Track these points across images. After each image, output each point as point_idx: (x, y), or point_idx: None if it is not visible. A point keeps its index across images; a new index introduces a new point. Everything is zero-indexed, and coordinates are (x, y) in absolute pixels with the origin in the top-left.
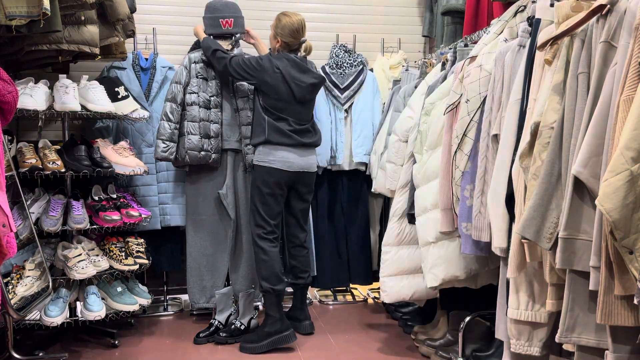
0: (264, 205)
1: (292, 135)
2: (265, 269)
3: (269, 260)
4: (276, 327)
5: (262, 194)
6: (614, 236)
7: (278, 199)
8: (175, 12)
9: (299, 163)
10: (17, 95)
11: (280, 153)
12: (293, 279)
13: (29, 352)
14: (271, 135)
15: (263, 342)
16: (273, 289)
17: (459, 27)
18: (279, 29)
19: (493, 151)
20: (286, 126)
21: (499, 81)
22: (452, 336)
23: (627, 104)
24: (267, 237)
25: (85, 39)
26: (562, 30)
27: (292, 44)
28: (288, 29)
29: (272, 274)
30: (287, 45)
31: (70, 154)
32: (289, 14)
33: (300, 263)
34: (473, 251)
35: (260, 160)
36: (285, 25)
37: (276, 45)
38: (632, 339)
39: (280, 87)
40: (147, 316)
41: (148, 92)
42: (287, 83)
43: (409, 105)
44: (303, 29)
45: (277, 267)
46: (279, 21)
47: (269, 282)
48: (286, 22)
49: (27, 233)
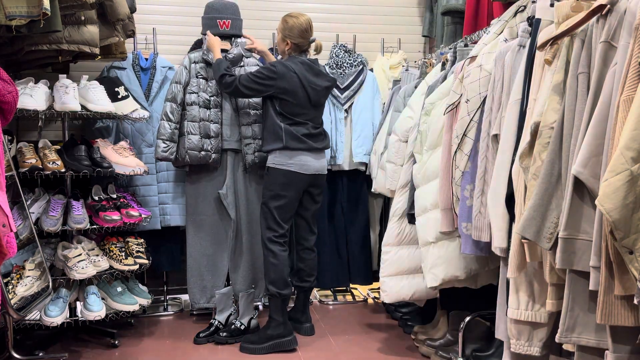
0: (279, 208)
1: (307, 140)
2: (274, 273)
3: (279, 264)
4: (279, 330)
5: (278, 197)
6: (614, 236)
7: (293, 202)
8: (175, 12)
9: (315, 165)
10: (17, 95)
11: (298, 157)
12: (298, 281)
13: (29, 352)
14: (289, 142)
15: (264, 345)
16: (280, 293)
17: (459, 27)
18: (287, 31)
19: (493, 151)
20: (303, 130)
21: (499, 81)
22: (452, 336)
23: (627, 104)
24: (278, 240)
25: (85, 39)
26: (562, 30)
27: (302, 44)
28: (297, 30)
29: (280, 278)
30: (297, 47)
31: (70, 154)
32: (295, 14)
33: (307, 266)
34: (473, 251)
35: (277, 164)
36: (293, 27)
37: (285, 48)
38: (632, 339)
39: (298, 92)
40: (147, 316)
41: (148, 92)
42: (304, 87)
43: (409, 105)
44: (311, 28)
45: (285, 271)
46: (286, 23)
47: (275, 286)
48: (294, 23)
49: (27, 233)
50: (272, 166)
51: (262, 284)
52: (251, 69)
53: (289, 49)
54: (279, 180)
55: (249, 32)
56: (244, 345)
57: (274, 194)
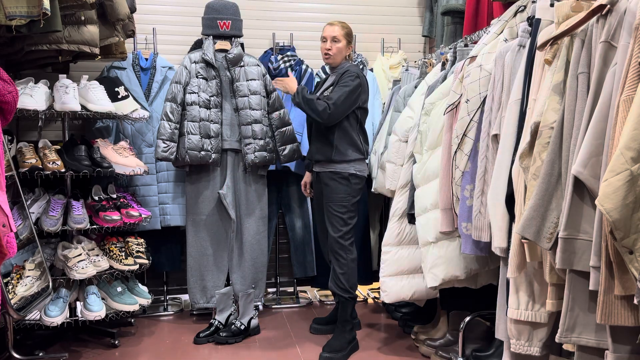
0: (352, 212)
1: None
2: (354, 277)
3: (356, 267)
4: (353, 333)
5: (355, 203)
6: (614, 236)
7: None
8: (175, 12)
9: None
10: (17, 95)
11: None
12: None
13: (29, 352)
14: (365, 149)
15: (346, 350)
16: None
17: (459, 27)
18: (350, 36)
19: (493, 151)
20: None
21: (499, 81)
22: (452, 336)
23: (627, 104)
24: (352, 245)
25: (85, 39)
26: (562, 30)
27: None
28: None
29: (356, 280)
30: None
31: (70, 154)
32: (341, 21)
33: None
34: (473, 251)
35: (358, 170)
36: (351, 31)
37: (347, 54)
38: (632, 339)
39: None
40: (147, 316)
41: (148, 92)
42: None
43: (409, 105)
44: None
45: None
46: (347, 29)
47: (354, 289)
48: (350, 28)
49: (27, 233)
50: (353, 172)
51: (262, 284)
52: (251, 69)
53: (349, 53)
54: (356, 186)
55: (249, 32)
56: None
57: (348, 201)
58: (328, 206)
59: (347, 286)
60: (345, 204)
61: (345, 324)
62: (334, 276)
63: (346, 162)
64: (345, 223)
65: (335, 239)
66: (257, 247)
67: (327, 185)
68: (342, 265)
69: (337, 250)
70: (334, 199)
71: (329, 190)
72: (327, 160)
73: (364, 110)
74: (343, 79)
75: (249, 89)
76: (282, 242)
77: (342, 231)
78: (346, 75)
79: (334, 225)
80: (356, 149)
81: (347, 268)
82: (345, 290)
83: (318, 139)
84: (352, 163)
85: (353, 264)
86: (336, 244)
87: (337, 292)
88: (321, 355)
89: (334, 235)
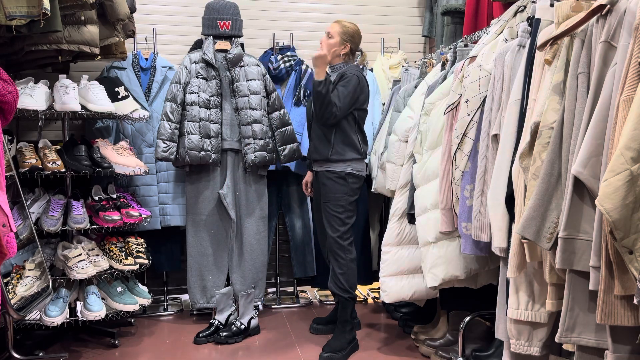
0: (350, 211)
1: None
2: (353, 277)
3: (355, 267)
4: (353, 333)
5: (353, 202)
6: (613, 236)
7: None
8: (175, 12)
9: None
10: (17, 95)
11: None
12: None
13: (29, 352)
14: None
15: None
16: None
17: (459, 27)
18: (347, 36)
19: (493, 151)
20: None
21: (499, 81)
22: (452, 336)
23: (627, 104)
24: (351, 245)
25: (85, 39)
26: (562, 30)
27: (355, 51)
28: (358, 37)
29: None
30: (351, 52)
31: (70, 154)
32: (349, 22)
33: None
34: (473, 251)
35: (355, 169)
36: (354, 33)
37: (342, 52)
38: (632, 339)
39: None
40: (147, 316)
41: (148, 92)
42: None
43: (409, 105)
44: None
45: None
46: (347, 28)
47: (354, 289)
48: (355, 30)
49: (27, 233)
50: (350, 171)
51: (262, 284)
52: (251, 69)
53: (345, 52)
54: (355, 185)
55: (249, 32)
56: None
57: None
58: (326, 206)
59: (346, 286)
60: (342, 203)
61: (345, 324)
62: (334, 276)
63: (343, 162)
64: (343, 223)
65: (333, 239)
66: (257, 247)
67: (325, 185)
68: (341, 265)
69: (335, 250)
70: (331, 198)
71: (326, 189)
72: (324, 159)
73: (363, 111)
74: (342, 80)
75: (249, 89)
76: (282, 242)
77: (340, 231)
78: (344, 77)
79: (332, 225)
80: (354, 148)
81: (347, 268)
82: (344, 290)
83: (317, 138)
84: (349, 162)
85: (352, 264)
86: (335, 244)
87: (337, 292)
88: (321, 355)
89: (333, 235)
